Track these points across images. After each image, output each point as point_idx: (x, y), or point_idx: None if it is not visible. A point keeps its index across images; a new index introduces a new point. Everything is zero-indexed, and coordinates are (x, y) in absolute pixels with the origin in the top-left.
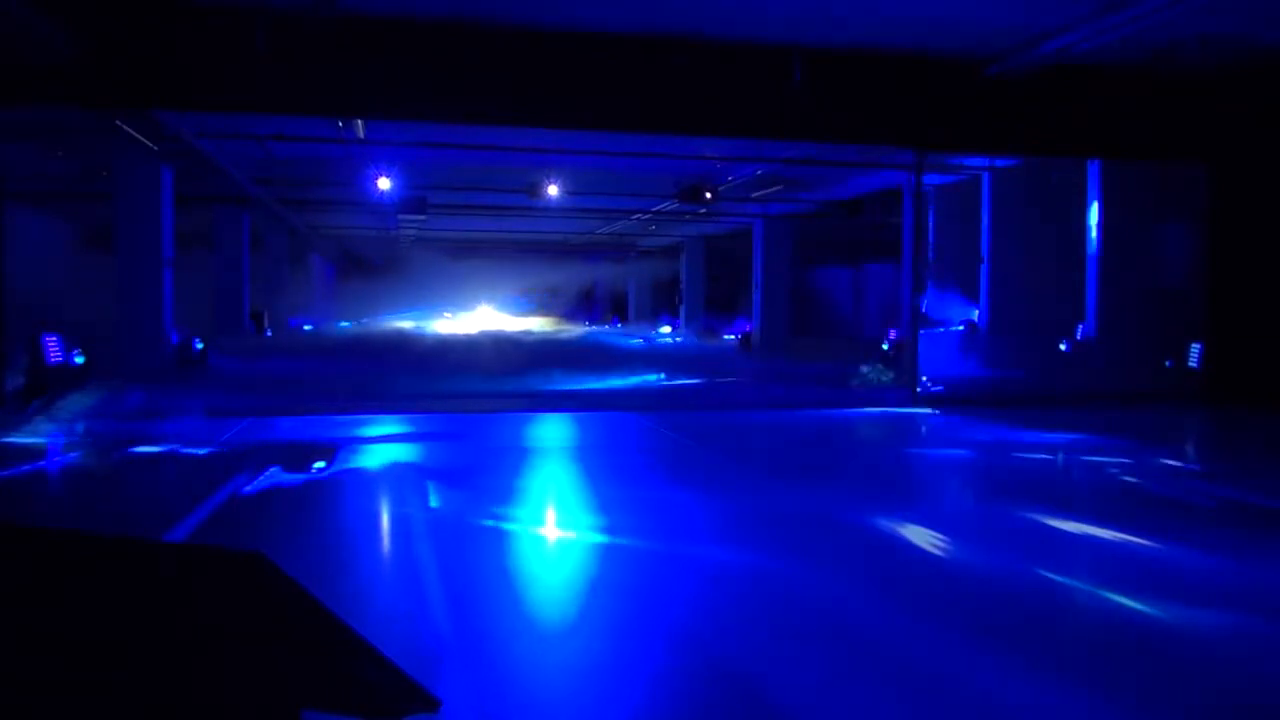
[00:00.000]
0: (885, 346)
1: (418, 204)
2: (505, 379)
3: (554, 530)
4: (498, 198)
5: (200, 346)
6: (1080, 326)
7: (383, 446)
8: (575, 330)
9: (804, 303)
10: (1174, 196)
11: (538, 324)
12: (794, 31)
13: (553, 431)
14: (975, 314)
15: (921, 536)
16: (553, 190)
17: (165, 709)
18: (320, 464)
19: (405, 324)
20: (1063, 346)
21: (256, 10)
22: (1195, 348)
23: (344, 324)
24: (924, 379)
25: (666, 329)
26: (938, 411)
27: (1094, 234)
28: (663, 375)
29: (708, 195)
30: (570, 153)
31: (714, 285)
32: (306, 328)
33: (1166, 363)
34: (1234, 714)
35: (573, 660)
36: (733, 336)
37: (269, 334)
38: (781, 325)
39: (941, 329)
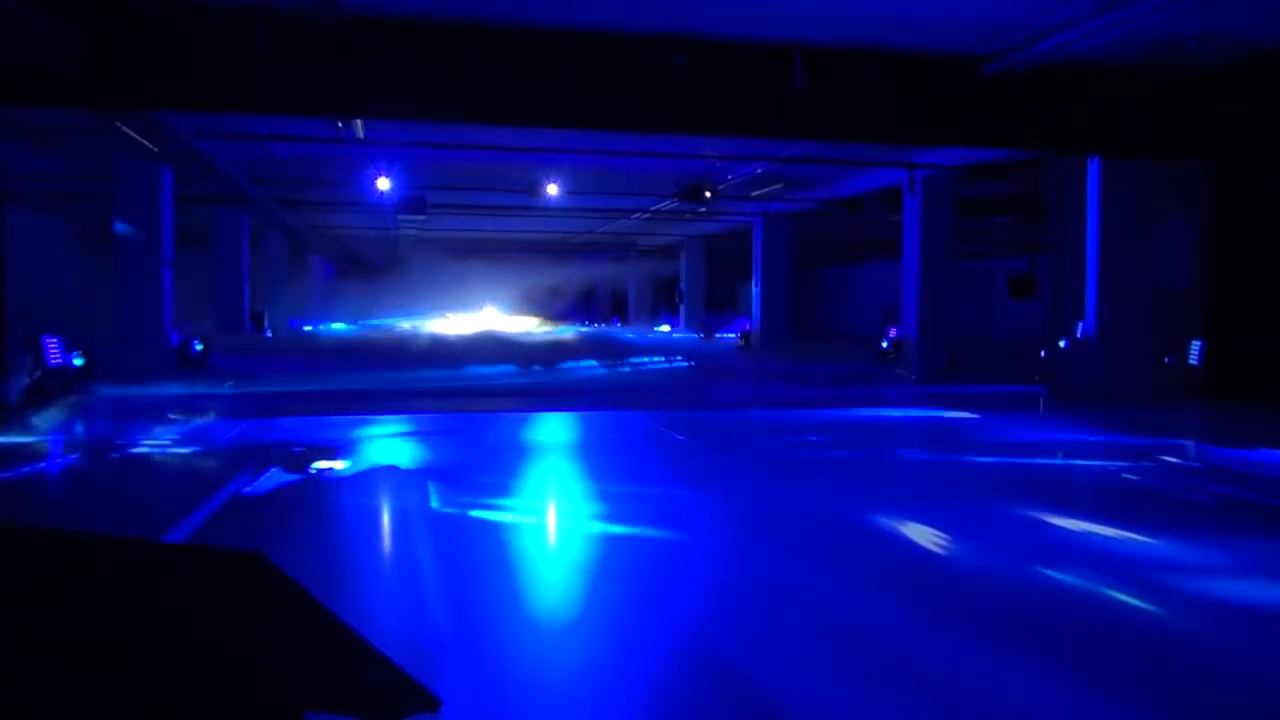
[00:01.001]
0: (884, 345)
1: (418, 204)
2: (506, 378)
3: (552, 527)
4: (498, 198)
5: (200, 347)
6: (1080, 325)
7: (383, 446)
8: (575, 330)
9: (804, 301)
10: (1175, 194)
11: (537, 324)
12: (794, 31)
13: (551, 431)
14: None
15: None
16: (553, 190)
17: (165, 709)
18: (320, 464)
19: (404, 325)
20: (1061, 344)
21: (256, 10)
22: (1196, 345)
23: (339, 325)
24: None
25: (666, 328)
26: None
27: (1093, 232)
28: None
29: (708, 194)
30: (570, 153)
31: (714, 284)
32: (307, 328)
33: (1165, 360)
34: None
35: (572, 658)
36: (733, 335)
37: (269, 334)
38: (782, 324)
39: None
